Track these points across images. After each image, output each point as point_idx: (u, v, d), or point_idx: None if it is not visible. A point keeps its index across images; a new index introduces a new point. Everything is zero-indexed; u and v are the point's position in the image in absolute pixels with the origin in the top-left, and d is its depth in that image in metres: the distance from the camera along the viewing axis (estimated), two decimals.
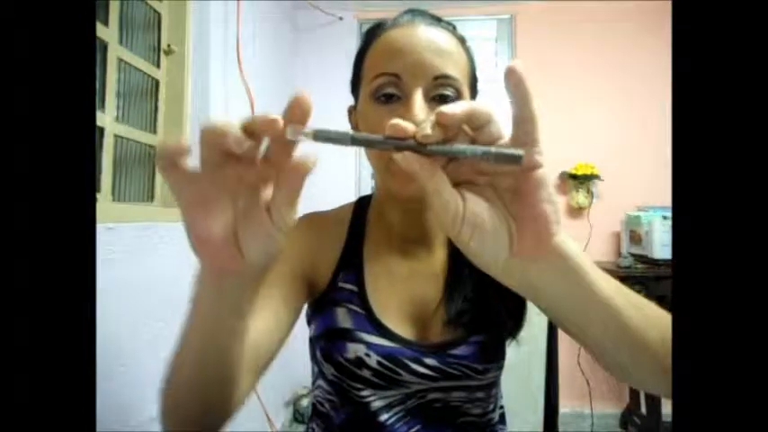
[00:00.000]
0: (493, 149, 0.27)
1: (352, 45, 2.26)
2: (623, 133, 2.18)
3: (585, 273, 0.31)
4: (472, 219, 0.29)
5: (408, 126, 0.27)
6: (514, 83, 0.27)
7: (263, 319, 0.50)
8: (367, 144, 0.27)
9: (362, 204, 0.65)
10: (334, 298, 0.58)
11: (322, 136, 0.26)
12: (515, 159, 0.26)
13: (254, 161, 0.27)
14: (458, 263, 0.59)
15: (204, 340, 0.34)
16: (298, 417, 2.07)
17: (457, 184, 0.29)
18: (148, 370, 0.88)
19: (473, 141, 0.28)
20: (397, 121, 0.27)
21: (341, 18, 2.29)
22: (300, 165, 0.27)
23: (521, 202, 0.29)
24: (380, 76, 0.51)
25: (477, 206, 0.29)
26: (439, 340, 0.56)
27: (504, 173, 0.29)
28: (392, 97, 0.51)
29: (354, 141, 0.27)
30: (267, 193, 0.28)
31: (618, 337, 0.33)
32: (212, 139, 0.26)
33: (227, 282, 0.31)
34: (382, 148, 0.28)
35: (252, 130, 0.26)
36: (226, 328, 0.33)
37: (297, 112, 0.26)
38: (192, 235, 0.28)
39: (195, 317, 0.33)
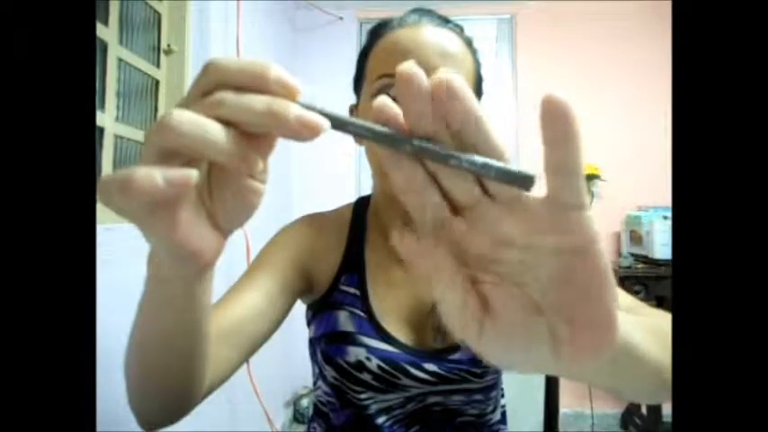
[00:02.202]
0: (496, 163, 0.19)
1: (353, 45, 2.26)
2: (624, 133, 2.18)
3: (635, 353, 0.27)
4: (492, 324, 0.21)
5: (398, 111, 0.20)
6: (554, 116, 0.18)
7: (255, 297, 0.49)
8: (340, 125, 0.21)
9: (361, 205, 0.65)
10: (336, 301, 0.58)
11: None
12: (526, 181, 0.19)
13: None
14: None
15: (172, 317, 0.31)
16: (298, 417, 2.06)
17: (468, 264, 0.22)
18: None
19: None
20: (384, 101, 0.21)
21: (341, 18, 2.29)
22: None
23: (572, 296, 0.20)
24: (383, 77, 0.51)
25: (500, 301, 0.21)
26: (437, 345, 0.56)
27: (548, 252, 0.20)
28: (394, 99, 0.51)
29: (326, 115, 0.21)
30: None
31: (649, 384, 0.31)
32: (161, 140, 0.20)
33: (206, 270, 0.27)
34: (355, 132, 0.21)
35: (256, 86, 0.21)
36: (196, 303, 0.30)
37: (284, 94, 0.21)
38: (179, 253, 0.23)
39: (161, 296, 0.29)
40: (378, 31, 0.56)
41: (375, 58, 0.54)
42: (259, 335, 0.49)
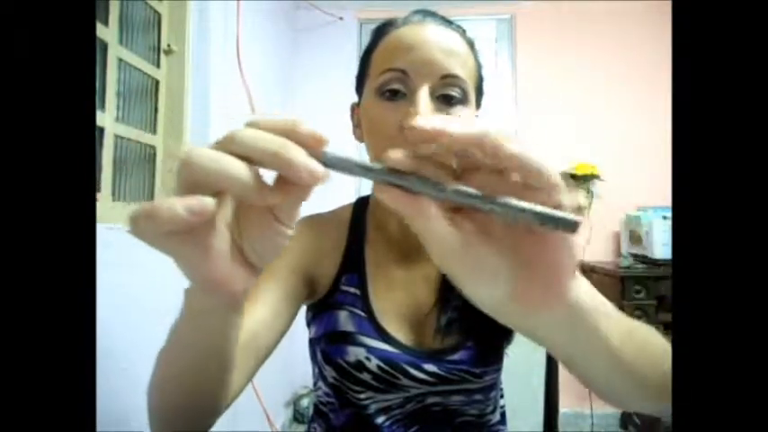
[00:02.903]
0: (537, 208, 0.22)
1: (353, 45, 2.26)
2: (623, 133, 2.18)
3: (596, 327, 0.29)
4: (470, 259, 0.24)
5: (425, 125, 0.22)
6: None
7: (262, 310, 0.50)
8: (360, 172, 0.23)
9: (361, 205, 0.65)
10: (336, 301, 0.58)
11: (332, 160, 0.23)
12: (569, 226, 0.21)
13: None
14: None
15: (204, 343, 0.33)
16: (298, 417, 2.06)
17: (455, 210, 0.25)
18: (148, 371, 0.88)
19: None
20: (415, 122, 0.22)
21: (341, 18, 2.29)
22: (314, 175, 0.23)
23: (534, 245, 0.24)
24: (387, 72, 0.51)
25: (477, 241, 0.25)
26: (436, 346, 0.56)
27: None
28: (397, 93, 0.51)
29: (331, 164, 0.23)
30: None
31: (621, 382, 0.32)
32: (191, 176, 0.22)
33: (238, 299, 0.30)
34: (378, 179, 0.23)
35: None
36: (227, 333, 0.33)
37: (311, 143, 0.23)
38: (208, 284, 0.25)
39: (194, 323, 0.31)
40: (382, 30, 0.56)
41: (379, 55, 0.54)
42: (267, 348, 0.50)
